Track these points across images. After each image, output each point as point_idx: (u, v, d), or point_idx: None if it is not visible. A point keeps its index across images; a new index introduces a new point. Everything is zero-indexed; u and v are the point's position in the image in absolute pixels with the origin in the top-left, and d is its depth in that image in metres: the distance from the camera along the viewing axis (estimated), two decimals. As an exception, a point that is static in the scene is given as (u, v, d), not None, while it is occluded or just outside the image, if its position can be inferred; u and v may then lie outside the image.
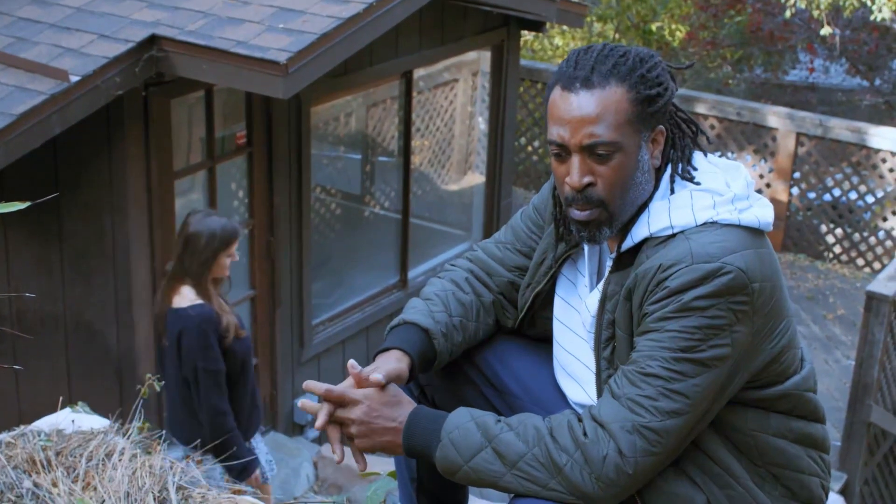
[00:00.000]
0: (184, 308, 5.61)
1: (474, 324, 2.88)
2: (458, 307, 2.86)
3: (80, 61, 6.28)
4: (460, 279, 2.93)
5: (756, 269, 2.47)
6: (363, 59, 8.04)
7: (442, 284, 2.93)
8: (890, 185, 11.77)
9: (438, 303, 2.86)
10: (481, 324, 2.90)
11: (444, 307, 2.85)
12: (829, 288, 11.69)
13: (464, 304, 2.87)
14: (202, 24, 6.65)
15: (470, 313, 2.87)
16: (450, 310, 2.84)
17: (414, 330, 2.79)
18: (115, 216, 6.88)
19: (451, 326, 2.83)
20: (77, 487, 3.18)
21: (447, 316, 2.83)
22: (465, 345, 2.87)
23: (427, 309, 2.84)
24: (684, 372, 2.44)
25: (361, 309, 8.92)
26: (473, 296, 2.90)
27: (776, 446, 2.61)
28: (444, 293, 2.89)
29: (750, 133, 12.36)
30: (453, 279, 2.94)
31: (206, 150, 7.50)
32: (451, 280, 2.93)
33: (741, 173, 2.64)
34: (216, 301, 5.70)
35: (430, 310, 2.84)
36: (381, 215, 9.59)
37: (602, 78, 2.51)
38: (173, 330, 5.64)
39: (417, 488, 2.94)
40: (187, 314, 5.59)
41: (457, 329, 2.84)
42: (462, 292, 2.89)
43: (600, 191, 2.54)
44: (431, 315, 2.82)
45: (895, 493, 9.47)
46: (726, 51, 18.29)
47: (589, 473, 2.44)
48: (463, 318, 2.85)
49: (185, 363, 5.66)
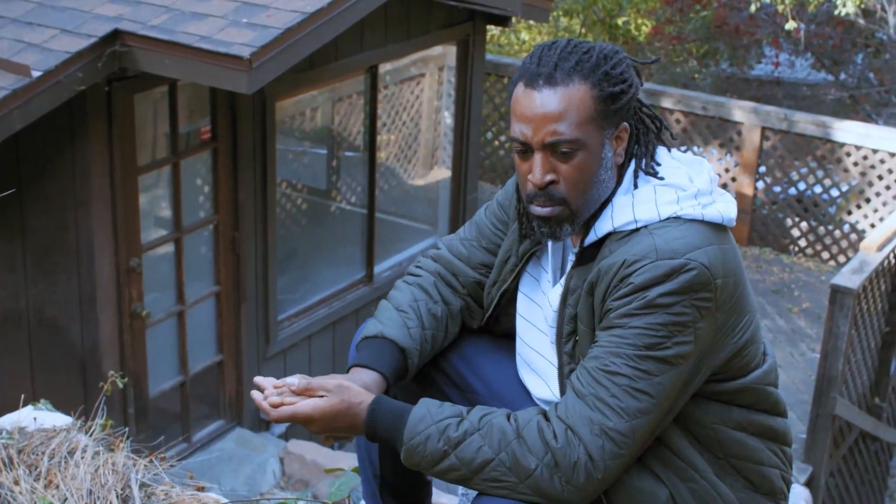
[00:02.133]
0: None
1: (443, 334, 2.87)
2: (431, 320, 2.84)
3: (42, 56, 6.24)
4: (429, 286, 2.90)
5: (719, 265, 2.47)
6: (328, 53, 8.01)
7: (413, 294, 2.89)
8: (854, 179, 11.82)
9: (413, 317, 2.83)
10: (449, 333, 2.89)
11: (418, 322, 2.82)
12: (795, 281, 11.74)
13: (436, 316, 2.85)
14: (165, 18, 6.61)
15: (441, 325, 2.86)
16: (423, 323, 2.82)
17: (391, 349, 2.76)
18: (79, 212, 6.84)
19: (424, 340, 2.81)
20: (39, 486, 3.16)
21: (421, 330, 2.81)
22: (432, 354, 2.86)
23: (403, 323, 2.81)
24: (649, 370, 2.44)
25: (327, 304, 8.90)
26: (443, 305, 2.88)
27: (737, 439, 2.62)
28: (417, 304, 2.86)
29: (715, 127, 12.39)
30: (423, 287, 2.90)
31: (171, 145, 7.46)
32: (420, 287, 2.90)
33: (704, 168, 2.64)
34: None
35: (406, 325, 2.81)
36: (346, 210, 9.57)
37: (565, 75, 2.50)
38: None
39: (380, 484, 2.93)
40: None
41: (428, 342, 2.82)
42: (433, 302, 2.87)
43: (563, 188, 2.53)
44: (408, 331, 2.79)
45: (860, 485, 9.53)
46: (692, 45, 18.33)
47: (559, 478, 2.44)
48: (435, 331, 2.84)
49: None
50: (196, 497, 3.33)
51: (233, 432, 8.21)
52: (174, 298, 7.72)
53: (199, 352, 7.97)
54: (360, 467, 3.01)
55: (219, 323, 8.05)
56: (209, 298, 7.97)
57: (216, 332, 8.08)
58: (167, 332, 7.73)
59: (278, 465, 8.11)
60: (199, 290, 7.88)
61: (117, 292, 7.11)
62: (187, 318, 7.81)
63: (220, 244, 7.88)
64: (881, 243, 8.95)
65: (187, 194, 7.63)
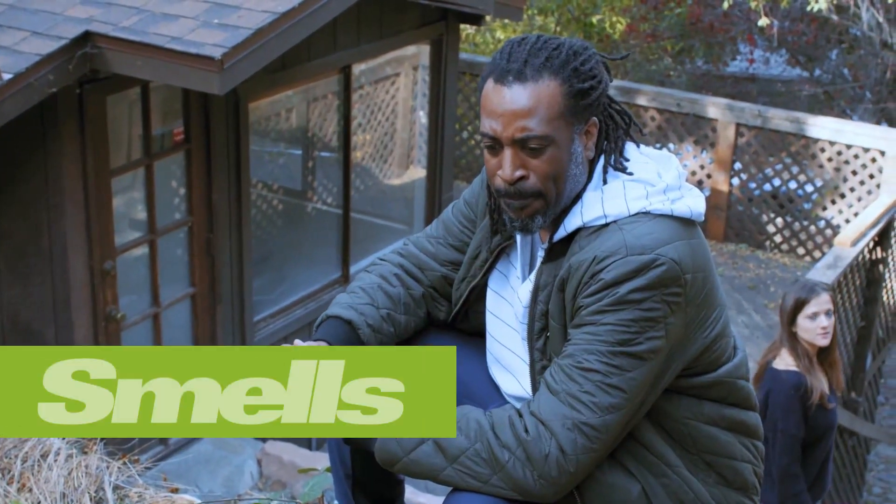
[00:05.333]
0: (779, 370, 5.91)
1: (404, 317, 2.87)
2: (386, 300, 2.85)
3: (12, 59, 6.21)
4: (388, 273, 2.92)
5: (688, 260, 2.48)
6: (301, 54, 8.01)
7: (369, 279, 2.92)
8: (829, 175, 11.87)
9: (364, 295, 2.85)
10: (412, 316, 2.89)
11: (370, 299, 2.84)
12: (770, 277, 11.77)
13: (391, 296, 2.86)
14: (136, 20, 6.60)
15: (398, 306, 2.87)
16: (376, 302, 2.84)
17: (338, 323, 2.80)
18: (52, 214, 6.82)
19: (379, 318, 2.82)
20: (12, 489, 3.15)
21: (373, 308, 2.82)
22: (396, 337, 2.86)
23: (350, 301, 2.84)
24: (621, 366, 2.45)
25: (303, 305, 8.89)
26: (402, 289, 2.89)
27: (709, 434, 2.63)
28: (371, 286, 2.88)
29: (690, 124, 12.43)
30: (381, 274, 2.93)
31: (144, 147, 7.44)
32: (378, 274, 2.92)
33: (673, 164, 2.65)
34: (811, 369, 5.94)
35: (353, 302, 2.83)
36: (322, 210, 9.56)
37: (535, 71, 2.51)
38: (764, 387, 5.97)
39: (353, 484, 2.92)
40: (780, 377, 5.88)
41: (385, 321, 2.83)
42: (390, 285, 2.89)
43: (533, 184, 2.54)
44: (354, 307, 2.82)
45: (837, 481, 9.55)
46: (667, 43, 18.38)
47: (531, 471, 2.44)
48: (391, 311, 2.85)
49: (767, 421, 5.95)
50: (170, 499, 3.33)
51: (210, 434, 8.18)
52: (149, 301, 7.71)
53: (174, 354, 7.93)
54: (332, 468, 3.00)
55: (194, 325, 8.03)
56: (184, 300, 7.95)
57: (192, 334, 8.06)
58: (142, 335, 7.70)
59: (256, 467, 8.10)
60: (175, 292, 7.86)
61: (92, 295, 7.09)
62: (162, 321, 7.80)
63: (194, 246, 7.86)
64: (855, 238, 8.99)
65: (161, 196, 7.61)
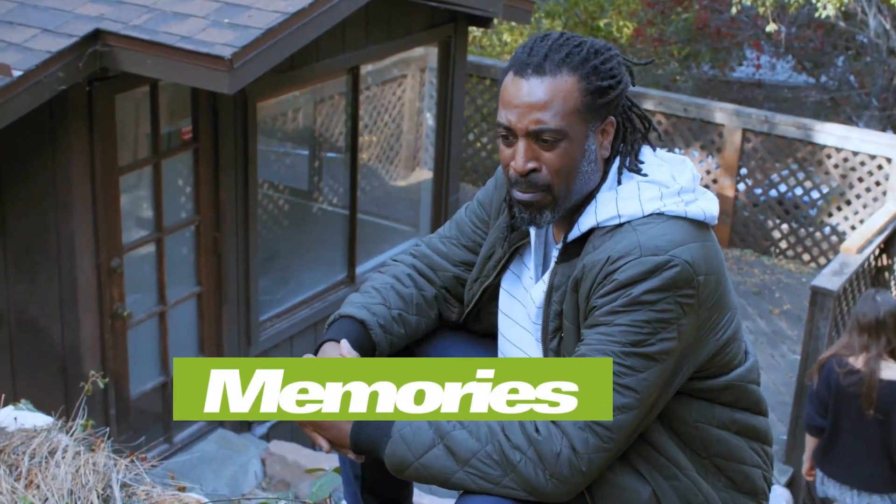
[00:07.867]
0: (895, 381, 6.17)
1: (415, 317, 2.88)
2: (398, 300, 2.86)
3: (22, 56, 6.21)
4: (401, 274, 2.93)
5: (701, 262, 2.48)
6: (309, 54, 8.01)
7: (382, 279, 2.92)
8: (835, 181, 11.86)
9: (376, 295, 2.86)
10: (423, 317, 2.90)
11: (382, 300, 2.85)
12: (775, 283, 11.77)
13: (403, 297, 2.87)
14: (147, 18, 6.60)
15: (410, 307, 2.87)
16: (388, 302, 2.84)
17: (350, 322, 2.80)
18: (60, 212, 6.82)
19: (391, 318, 2.82)
20: (20, 486, 3.15)
21: (385, 308, 2.83)
22: (408, 338, 2.87)
23: (363, 301, 2.85)
24: (633, 366, 2.45)
25: (309, 305, 8.89)
26: (415, 290, 2.90)
27: (720, 438, 2.63)
28: (383, 287, 2.89)
29: (697, 129, 12.42)
30: (394, 274, 2.93)
31: (152, 145, 7.44)
32: (391, 275, 2.93)
33: (687, 167, 2.66)
34: None
35: (365, 302, 2.84)
36: (328, 211, 9.56)
37: (554, 66, 2.53)
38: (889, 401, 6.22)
39: (361, 485, 2.93)
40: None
41: (396, 321, 2.83)
42: (402, 286, 2.89)
43: (544, 176, 2.56)
44: (367, 307, 2.83)
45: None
46: (674, 47, 18.37)
47: (543, 470, 2.44)
48: (403, 311, 2.85)
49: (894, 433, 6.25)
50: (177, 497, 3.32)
51: (214, 433, 8.19)
52: (155, 299, 7.71)
53: (180, 353, 7.95)
54: (340, 468, 3.00)
55: (200, 324, 8.03)
56: (190, 299, 7.95)
57: (197, 334, 8.06)
58: (148, 333, 7.71)
59: (260, 466, 8.10)
60: (181, 290, 7.87)
61: (98, 293, 7.09)
62: (168, 319, 7.80)
63: (201, 245, 7.87)
64: (861, 245, 8.98)
65: (168, 195, 7.61)
